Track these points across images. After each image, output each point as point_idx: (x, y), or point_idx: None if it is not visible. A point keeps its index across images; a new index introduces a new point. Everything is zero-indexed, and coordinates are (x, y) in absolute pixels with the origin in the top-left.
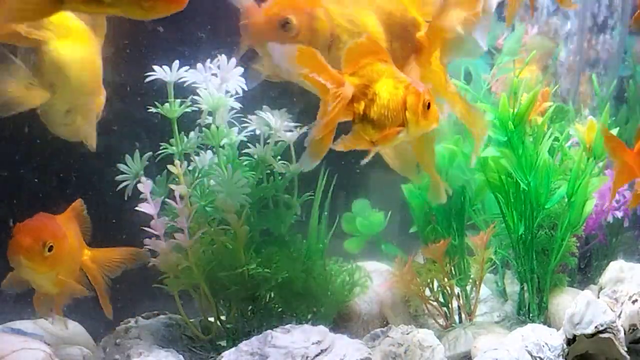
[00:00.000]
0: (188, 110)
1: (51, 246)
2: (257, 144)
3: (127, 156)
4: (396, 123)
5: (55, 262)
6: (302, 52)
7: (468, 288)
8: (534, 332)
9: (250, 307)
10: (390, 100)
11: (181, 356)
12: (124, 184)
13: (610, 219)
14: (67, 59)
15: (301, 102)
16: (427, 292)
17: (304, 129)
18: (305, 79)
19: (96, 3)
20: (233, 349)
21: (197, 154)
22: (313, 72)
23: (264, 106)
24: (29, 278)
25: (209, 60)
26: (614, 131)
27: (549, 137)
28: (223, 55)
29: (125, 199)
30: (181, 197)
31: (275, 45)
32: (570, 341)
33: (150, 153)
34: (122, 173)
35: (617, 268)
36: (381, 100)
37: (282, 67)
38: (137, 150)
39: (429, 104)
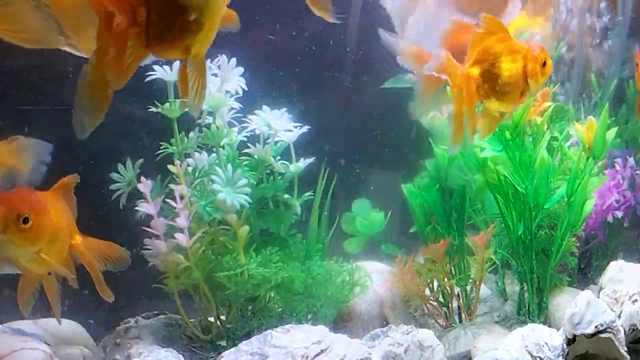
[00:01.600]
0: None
1: (26, 218)
2: (257, 144)
3: (120, 165)
4: (519, 90)
5: (34, 238)
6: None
7: (468, 288)
8: (534, 332)
9: (250, 307)
10: (512, 75)
11: (181, 356)
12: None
13: (610, 219)
14: None
15: (301, 102)
16: (427, 292)
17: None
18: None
19: None
20: (233, 349)
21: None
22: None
23: (264, 106)
24: (6, 255)
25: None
26: (613, 131)
27: (548, 136)
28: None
29: (121, 207)
30: (181, 197)
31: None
32: (570, 341)
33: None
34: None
35: (617, 268)
36: (504, 77)
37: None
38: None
39: (544, 61)
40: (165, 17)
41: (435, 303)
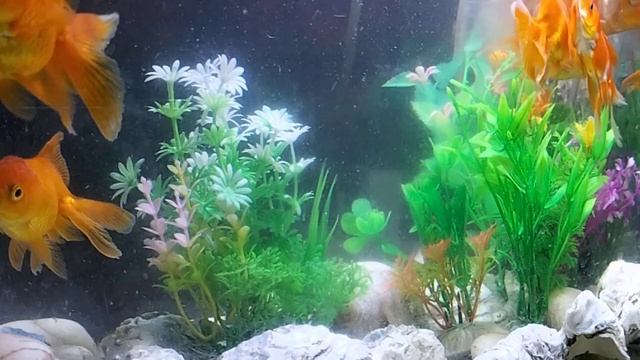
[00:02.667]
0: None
1: (18, 190)
2: (257, 144)
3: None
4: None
5: (25, 209)
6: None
7: (468, 288)
8: (534, 332)
9: (250, 307)
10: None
11: (181, 356)
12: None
13: (610, 219)
14: None
15: (301, 102)
16: (427, 292)
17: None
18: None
19: None
20: (233, 349)
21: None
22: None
23: (264, 106)
24: None
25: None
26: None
27: (549, 137)
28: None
29: (120, 207)
30: (181, 197)
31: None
32: (571, 341)
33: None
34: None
35: (617, 268)
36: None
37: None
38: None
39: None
40: None
41: (435, 303)
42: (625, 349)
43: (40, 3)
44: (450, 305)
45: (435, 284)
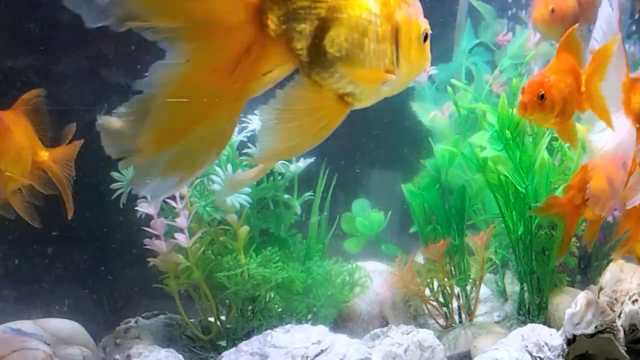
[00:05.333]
0: None
1: None
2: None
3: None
4: None
5: None
6: None
7: (468, 288)
8: (534, 332)
9: (250, 307)
10: None
11: (181, 356)
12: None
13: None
14: None
15: None
16: (427, 292)
17: None
18: None
19: None
20: (233, 349)
21: None
22: None
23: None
24: None
25: None
26: None
27: (549, 137)
28: None
29: (121, 206)
30: (181, 197)
31: None
32: (570, 341)
33: None
34: None
35: (617, 268)
36: None
37: None
38: None
39: None
40: None
41: (435, 303)
42: (625, 348)
43: None
44: (450, 305)
45: (435, 284)
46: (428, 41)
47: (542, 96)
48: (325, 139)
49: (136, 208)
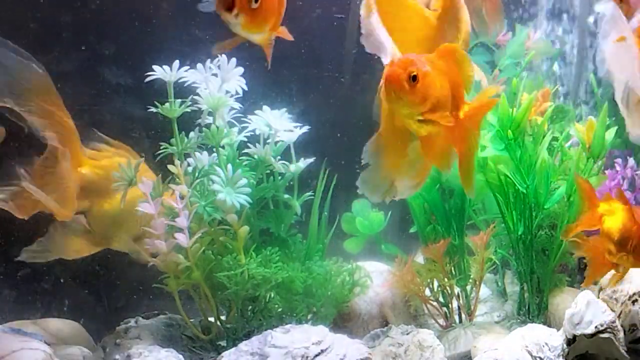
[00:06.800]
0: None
1: None
2: (257, 144)
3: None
4: None
5: None
6: None
7: (468, 288)
8: (534, 332)
9: (250, 307)
10: None
11: (181, 356)
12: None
13: None
14: None
15: (301, 102)
16: (427, 292)
17: None
18: None
19: None
20: (233, 349)
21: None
22: None
23: (264, 106)
24: None
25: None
26: (612, 130)
27: (549, 136)
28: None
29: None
30: (181, 197)
31: None
32: (570, 341)
33: None
34: None
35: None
36: None
37: None
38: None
39: None
40: None
41: (435, 303)
42: (625, 348)
43: None
44: (450, 305)
45: (435, 284)
46: None
47: (414, 77)
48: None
49: (136, 208)
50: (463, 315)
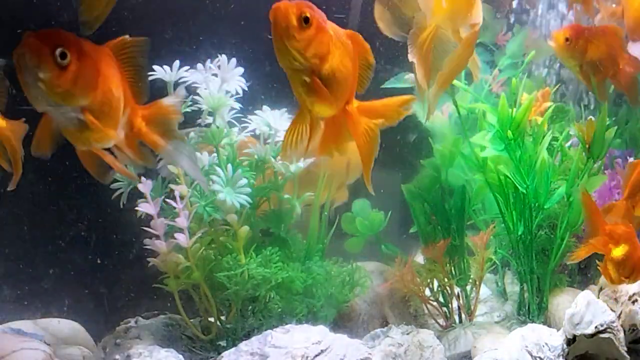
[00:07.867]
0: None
1: None
2: (257, 144)
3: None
4: None
5: None
6: None
7: (468, 288)
8: (534, 332)
9: (250, 307)
10: None
11: (181, 356)
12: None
13: None
14: None
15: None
16: (427, 292)
17: None
18: None
19: None
20: (233, 349)
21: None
22: None
23: (264, 106)
24: None
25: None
26: (612, 131)
27: (549, 136)
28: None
29: (121, 206)
30: (181, 197)
31: None
32: (570, 341)
33: None
34: None
35: None
36: None
37: None
38: None
39: None
40: None
41: (435, 303)
42: (625, 348)
43: None
44: (450, 305)
45: (435, 284)
46: None
47: (307, 19)
48: None
49: (136, 208)
50: (463, 315)
